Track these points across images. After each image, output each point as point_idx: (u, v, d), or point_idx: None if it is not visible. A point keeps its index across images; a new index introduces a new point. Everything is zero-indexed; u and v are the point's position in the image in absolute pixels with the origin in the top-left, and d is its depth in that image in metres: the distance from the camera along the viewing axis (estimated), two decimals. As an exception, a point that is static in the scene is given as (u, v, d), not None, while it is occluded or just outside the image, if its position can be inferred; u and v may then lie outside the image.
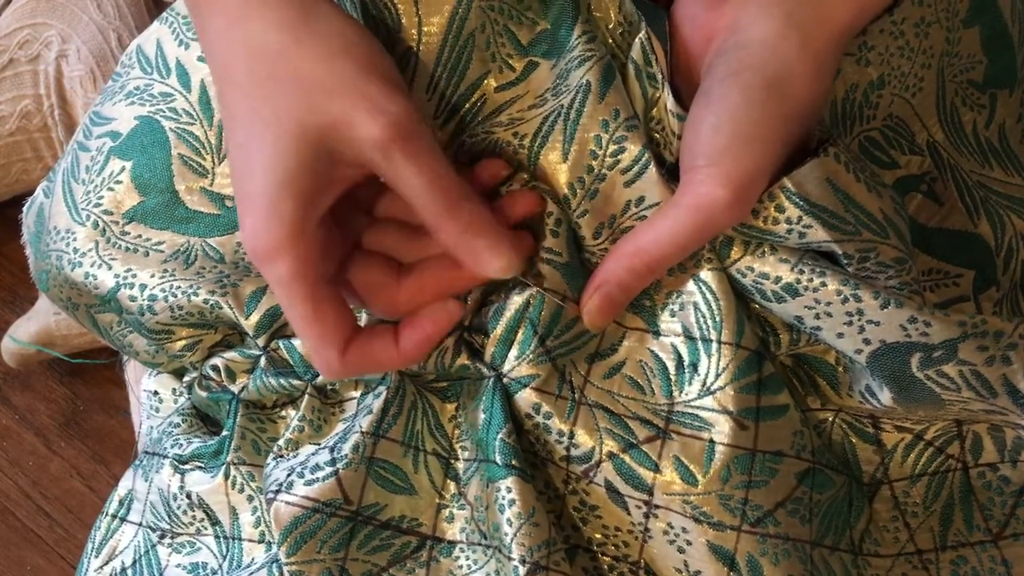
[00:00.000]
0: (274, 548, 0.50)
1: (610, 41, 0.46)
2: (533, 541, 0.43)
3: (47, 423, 1.09)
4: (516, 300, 0.44)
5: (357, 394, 0.50)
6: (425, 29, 0.44)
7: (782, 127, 0.40)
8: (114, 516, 0.55)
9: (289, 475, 0.45)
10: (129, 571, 0.53)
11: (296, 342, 0.49)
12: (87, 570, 0.55)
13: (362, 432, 0.46)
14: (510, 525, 0.43)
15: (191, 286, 0.49)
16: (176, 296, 0.49)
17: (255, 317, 0.49)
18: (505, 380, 0.45)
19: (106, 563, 0.54)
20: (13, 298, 1.14)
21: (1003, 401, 0.41)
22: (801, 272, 0.42)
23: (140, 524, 0.54)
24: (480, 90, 0.45)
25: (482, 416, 0.45)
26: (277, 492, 0.45)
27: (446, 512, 0.48)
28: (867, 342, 0.41)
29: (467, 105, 0.45)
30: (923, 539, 0.47)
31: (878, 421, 0.47)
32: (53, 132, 0.99)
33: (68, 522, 1.05)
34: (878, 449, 0.47)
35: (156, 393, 0.58)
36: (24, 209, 0.59)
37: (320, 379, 0.49)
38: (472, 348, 0.46)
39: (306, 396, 0.50)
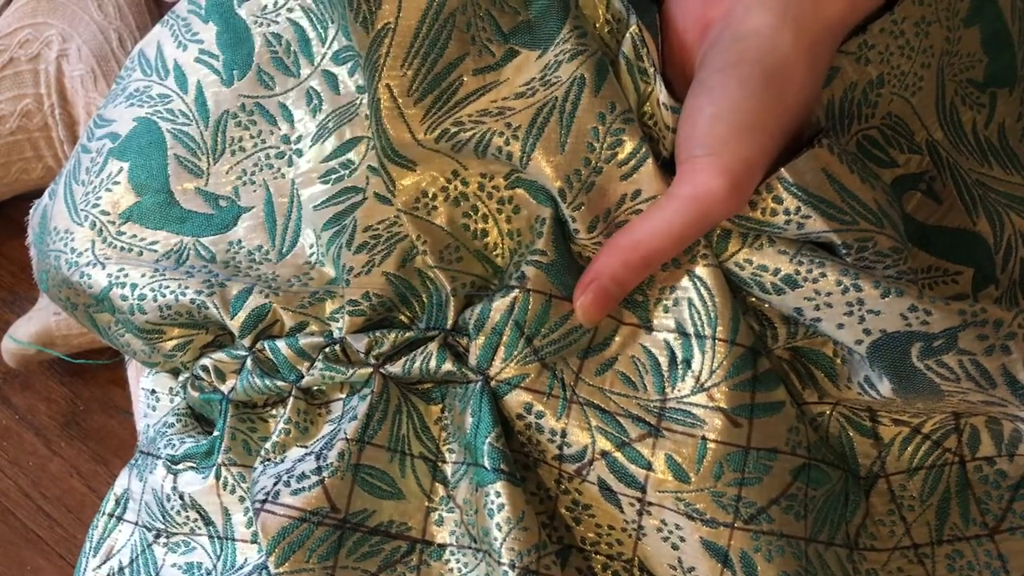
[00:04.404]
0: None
1: (599, 38, 0.46)
2: (523, 546, 0.43)
3: (47, 423, 1.09)
4: (500, 302, 0.44)
5: (343, 395, 0.50)
6: (404, 4, 0.45)
7: (780, 118, 0.40)
8: (111, 515, 0.55)
9: (276, 483, 0.45)
10: (126, 570, 0.53)
11: (280, 343, 0.49)
12: (85, 569, 0.55)
13: (347, 439, 0.45)
14: (499, 530, 0.43)
15: (180, 285, 0.49)
16: (165, 296, 0.49)
17: (241, 317, 0.49)
18: (493, 383, 0.45)
19: (104, 562, 0.54)
20: (13, 298, 1.14)
21: (1002, 392, 0.41)
22: (800, 263, 0.42)
23: (136, 523, 0.54)
24: (457, 71, 0.46)
25: (470, 420, 0.45)
26: (264, 502, 0.45)
27: (435, 515, 0.47)
28: (867, 332, 0.41)
29: (443, 84, 0.45)
30: (919, 533, 0.47)
31: (875, 414, 0.47)
32: (53, 131, 0.99)
33: (68, 522, 1.05)
34: (875, 443, 0.47)
35: (153, 392, 0.58)
36: (31, 211, 0.60)
37: (305, 380, 0.49)
38: (456, 352, 0.46)
39: (291, 398, 0.49)
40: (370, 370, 0.48)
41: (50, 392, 1.10)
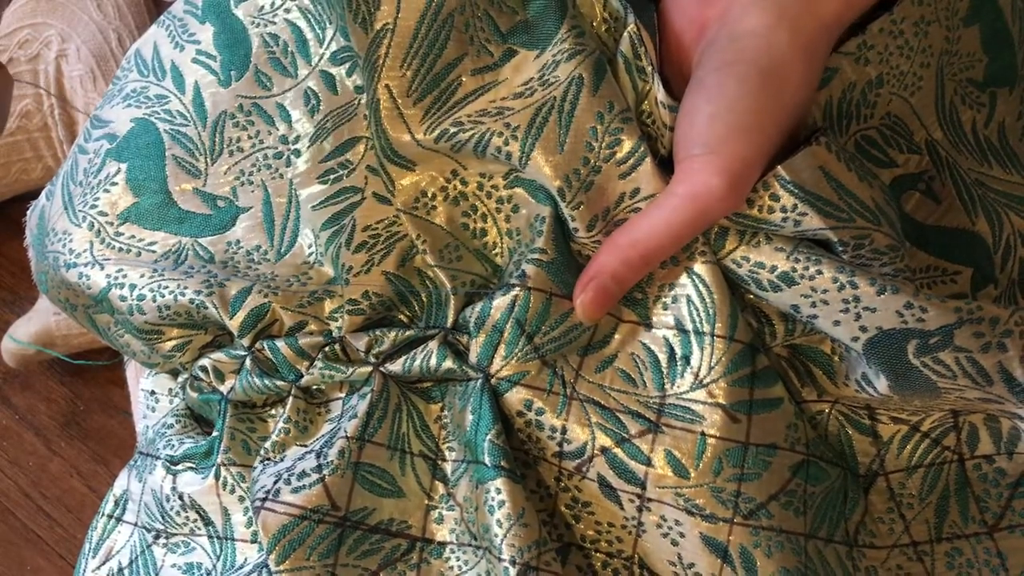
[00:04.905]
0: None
1: (596, 37, 0.46)
2: (523, 542, 0.43)
3: (47, 423, 1.09)
4: (501, 300, 0.44)
5: (342, 395, 0.50)
6: (403, 5, 0.45)
7: (777, 117, 0.40)
8: (110, 516, 0.55)
9: (276, 481, 0.45)
10: (126, 571, 0.53)
11: (280, 343, 0.49)
12: (85, 570, 0.55)
13: (347, 437, 0.46)
14: (500, 526, 0.43)
15: (178, 286, 0.49)
16: (164, 296, 0.49)
17: (240, 317, 0.49)
18: (493, 381, 0.45)
19: (103, 563, 0.54)
20: (13, 298, 1.14)
21: (999, 389, 0.41)
22: (797, 260, 0.42)
23: (136, 524, 0.54)
24: (456, 71, 0.46)
25: (470, 417, 0.45)
26: (264, 500, 0.45)
27: (435, 513, 0.48)
28: (864, 329, 0.42)
29: (442, 84, 0.46)
30: (918, 531, 0.47)
31: (874, 412, 0.47)
32: (53, 132, 0.99)
33: (68, 522, 1.05)
34: (874, 441, 0.47)
35: (153, 393, 0.58)
36: (28, 212, 0.59)
37: (304, 380, 0.49)
38: (456, 350, 0.46)
39: (291, 398, 0.50)
40: (370, 369, 0.48)
41: (50, 392, 1.11)
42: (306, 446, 0.49)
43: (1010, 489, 0.46)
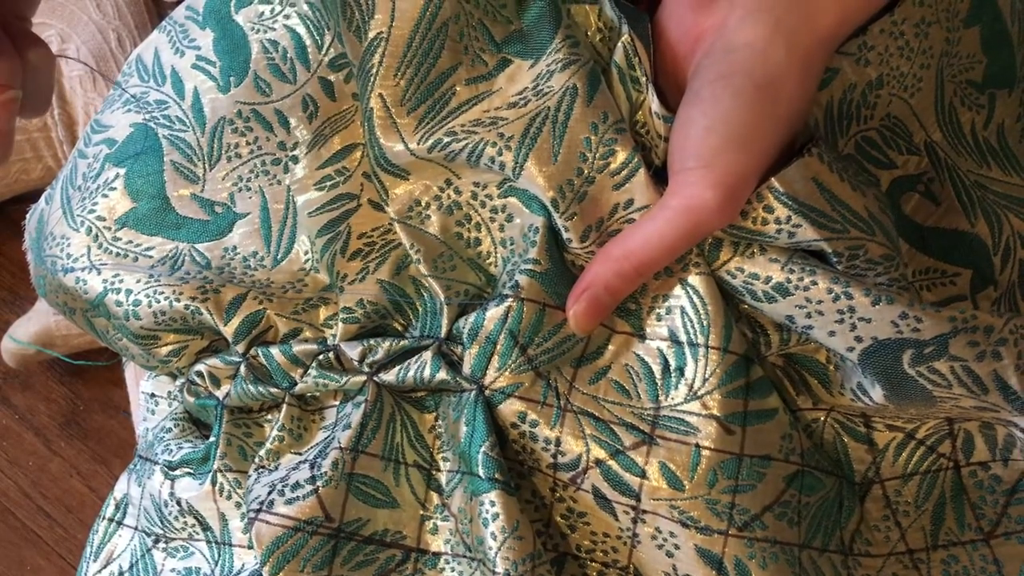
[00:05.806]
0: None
1: (591, 47, 0.46)
2: (517, 555, 0.43)
3: (47, 423, 1.09)
4: (494, 311, 0.44)
5: (337, 402, 0.50)
6: (398, 14, 0.45)
7: (772, 129, 0.40)
8: (111, 520, 0.56)
9: (270, 492, 0.45)
10: (127, 575, 0.53)
11: (273, 350, 0.49)
12: (86, 573, 0.55)
13: (341, 448, 0.46)
14: (494, 539, 0.43)
15: (174, 292, 0.49)
16: (159, 302, 0.49)
17: (234, 323, 0.49)
18: (487, 392, 0.45)
19: (104, 567, 0.54)
20: (13, 298, 1.14)
21: (994, 397, 0.41)
22: (791, 271, 0.42)
23: (136, 528, 0.54)
24: (450, 80, 0.46)
25: (464, 429, 0.45)
26: (258, 511, 0.45)
27: (430, 524, 0.48)
28: (859, 340, 0.41)
29: (436, 94, 0.46)
30: (914, 538, 0.47)
31: (870, 420, 0.47)
32: (53, 132, 0.99)
33: (68, 522, 1.05)
34: (870, 448, 0.47)
35: (153, 396, 0.58)
36: (27, 216, 0.59)
37: (298, 387, 0.49)
38: (450, 361, 0.47)
39: (285, 405, 0.50)
40: (364, 378, 0.48)
41: (50, 392, 1.11)
42: (300, 454, 0.49)
43: (1006, 496, 0.46)
